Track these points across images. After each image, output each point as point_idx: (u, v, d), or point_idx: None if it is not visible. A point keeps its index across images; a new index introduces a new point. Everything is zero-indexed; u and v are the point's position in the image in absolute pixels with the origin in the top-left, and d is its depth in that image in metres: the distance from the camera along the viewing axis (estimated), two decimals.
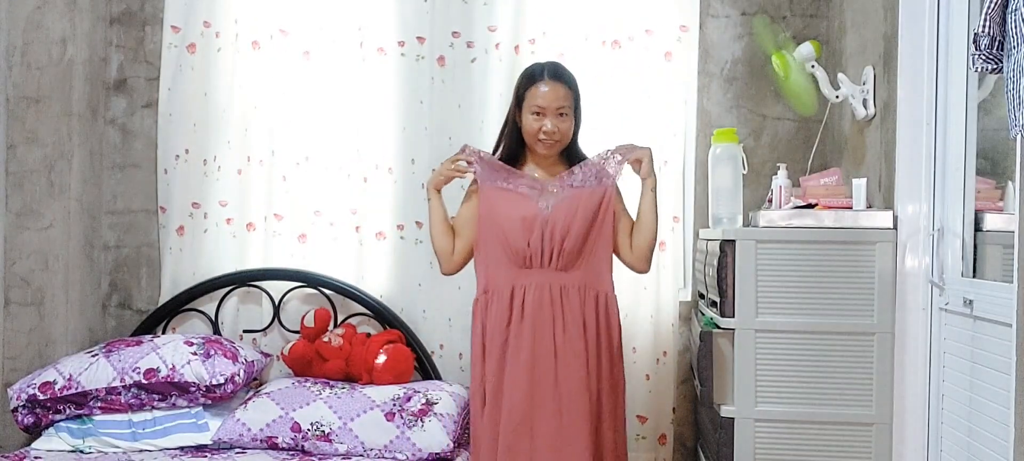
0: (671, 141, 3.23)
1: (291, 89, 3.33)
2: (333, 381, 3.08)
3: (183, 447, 2.86)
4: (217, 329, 3.33)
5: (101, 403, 2.88)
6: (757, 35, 3.02)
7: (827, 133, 3.15)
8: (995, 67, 1.67)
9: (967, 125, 2.20)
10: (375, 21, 3.32)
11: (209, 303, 3.34)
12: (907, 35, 2.40)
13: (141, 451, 2.83)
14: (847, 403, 2.47)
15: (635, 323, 3.22)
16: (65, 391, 2.86)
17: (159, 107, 3.37)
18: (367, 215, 3.33)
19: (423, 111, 3.30)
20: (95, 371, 2.89)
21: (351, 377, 3.13)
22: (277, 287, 3.32)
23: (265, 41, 3.33)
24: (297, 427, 2.83)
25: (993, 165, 2.22)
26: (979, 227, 2.17)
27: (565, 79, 2.63)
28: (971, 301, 2.06)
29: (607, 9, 3.25)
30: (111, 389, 2.87)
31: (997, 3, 1.63)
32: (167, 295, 3.35)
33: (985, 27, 1.65)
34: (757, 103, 3.30)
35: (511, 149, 2.70)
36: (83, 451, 2.83)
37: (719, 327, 2.55)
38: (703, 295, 2.93)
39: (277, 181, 3.33)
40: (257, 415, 2.86)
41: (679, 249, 3.27)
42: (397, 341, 3.19)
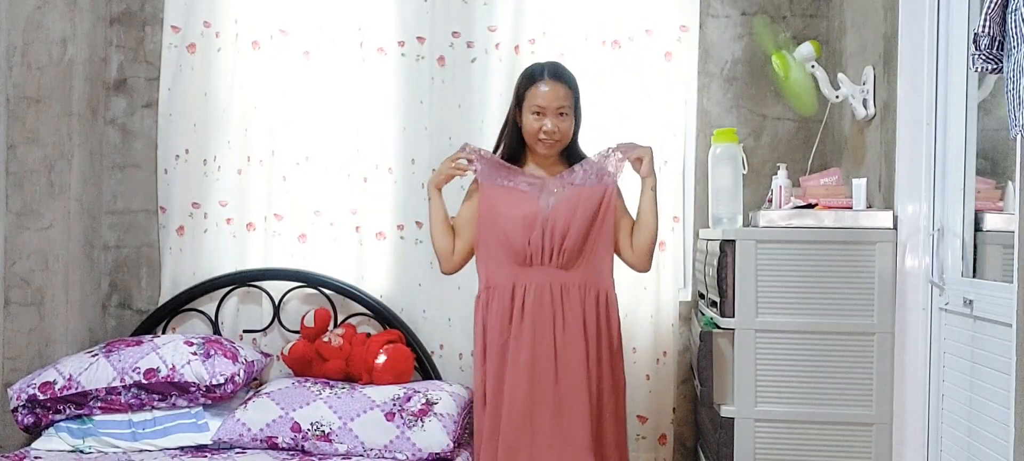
0: (671, 141, 3.23)
1: (291, 89, 3.33)
2: (333, 381, 3.08)
3: (183, 447, 2.86)
4: (217, 329, 3.33)
5: (101, 403, 2.88)
6: (757, 35, 3.02)
7: (827, 133, 3.15)
8: (995, 67, 1.67)
9: (967, 125, 2.20)
10: (375, 21, 3.32)
11: (209, 303, 3.34)
12: (907, 35, 2.40)
13: (141, 451, 2.83)
14: (847, 403, 2.47)
15: (635, 323, 3.22)
16: (65, 391, 2.86)
17: (159, 107, 3.37)
18: (367, 215, 3.33)
19: (423, 111, 3.30)
20: (95, 371, 2.89)
21: (351, 377, 3.13)
22: (277, 287, 3.32)
23: (265, 41, 3.33)
24: (297, 427, 2.83)
25: (993, 165, 2.22)
26: (979, 227, 2.17)
27: (565, 79, 2.63)
28: (971, 301, 2.06)
29: (607, 9, 3.25)
30: (111, 389, 2.87)
31: (997, 3, 1.63)
32: (167, 295, 3.35)
33: (985, 27, 1.65)
34: (757, 103, 3.30)
35: (511, 149, 2.70)
36: (83, 451, 2.82)
37: (719, 327, 2.55)
38: (703, 295, 2.93)
39: (277, 181, 3.33)
40: (257, 415, 2.86)
41: (679, 249, 3.27)
42: (397, 341, 3.19)
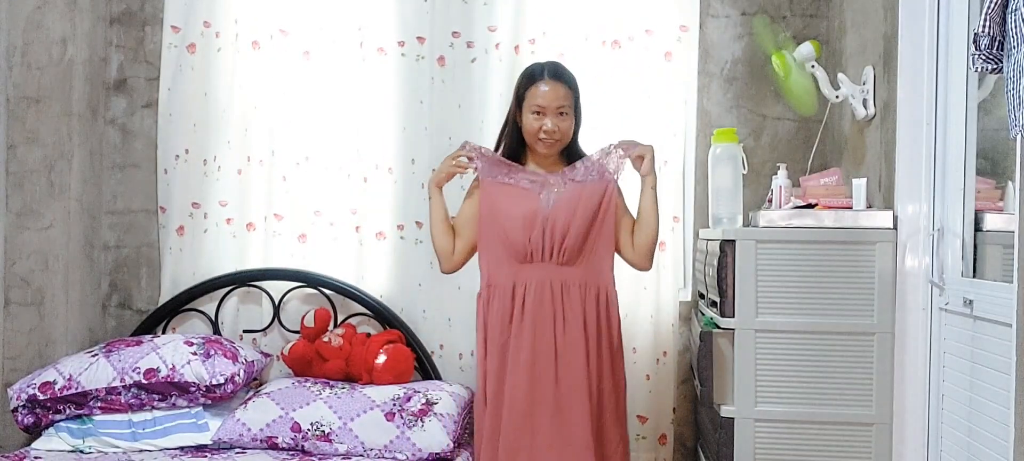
0: (671, 141, 3.23)
1: (291, 89, 3.32)
2: (333, 381, 3.08)
3: (183, 447, 2.86)
4: (217, 329, 3.33)
5: (101, 403, 2.88)
6: (757, 35, 3.02)
7: (827, 133, 3.14)
8: (995, 67, 1.67)
9: (967, 125, 2.20)
10: (375, 21, 3.32)
11: (209, 303, 3.34)
12: (907, 35, 2.40)
13: (141, 451, 2.83)
14: (847, 403, 2.47)
15: (635, 323, 3.22)
16: (65, 391, 2.86)
17: (159, 107, 3.37)
18: (367, 215, 3.33)
19: (423, 111, 3.30)
20: (95, 371, 2.89)
21: (351, 377, 3.13)
22: (277, 287, 3.32)
23: (265, 41, 3.33)
24: (297, 427, 2.83)
25: (993, 165, 2.22)
26: (979, 227, 2.17)
27: (565, 79, 2.64)
28: (971, 301, 2.06)
29: (607, 9, 3.25)
30: (111, 389, 2.87)
31: (997, 3, 1.63)
32: (167, 295, 3.35)
33: (985, 27, 1.65)
34: (757, 103, 3.30)
35: (511, 148, 2.71)
36: (83, 451, 2.82)
37: (719, 327, 2.55)
38: (703, 295, 2.92)
39: (277, 181, 3.33)
40: (257, 415, 2.86)
41: (679, 249, 3.27)
42: (397, 341, 3.19)
